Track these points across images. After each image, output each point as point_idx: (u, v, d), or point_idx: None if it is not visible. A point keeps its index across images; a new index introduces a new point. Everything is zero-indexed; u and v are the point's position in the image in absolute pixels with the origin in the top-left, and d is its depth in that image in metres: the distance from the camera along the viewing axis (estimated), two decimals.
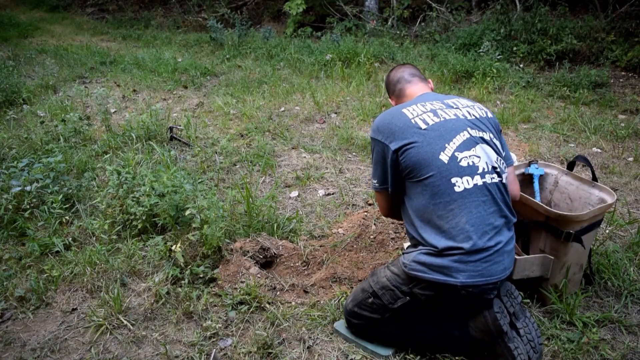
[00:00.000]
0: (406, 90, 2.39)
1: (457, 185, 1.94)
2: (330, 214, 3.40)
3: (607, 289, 2.59)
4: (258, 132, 4.86)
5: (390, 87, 2.48)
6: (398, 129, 2.05)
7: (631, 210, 3.35)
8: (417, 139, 2.01)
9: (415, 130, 2.03)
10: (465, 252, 1.88)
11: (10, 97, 5.74)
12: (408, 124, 2.05)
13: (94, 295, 2.62)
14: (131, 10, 13.91)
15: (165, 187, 2.92)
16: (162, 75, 7.13)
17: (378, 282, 2.12)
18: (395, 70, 2.49)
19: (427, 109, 2.11)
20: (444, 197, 1.94)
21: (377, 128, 2.13)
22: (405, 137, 2.02)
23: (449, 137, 2.01)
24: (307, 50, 8.16)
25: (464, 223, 1.91)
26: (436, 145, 1.99)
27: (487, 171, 1.99)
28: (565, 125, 4.92)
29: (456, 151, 1.98)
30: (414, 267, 1.97)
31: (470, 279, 1.88)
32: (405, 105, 2.17)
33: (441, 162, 1.96)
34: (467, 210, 1.92)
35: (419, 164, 1.98)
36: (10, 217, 3.18)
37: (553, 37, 7.10)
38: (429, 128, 2.03)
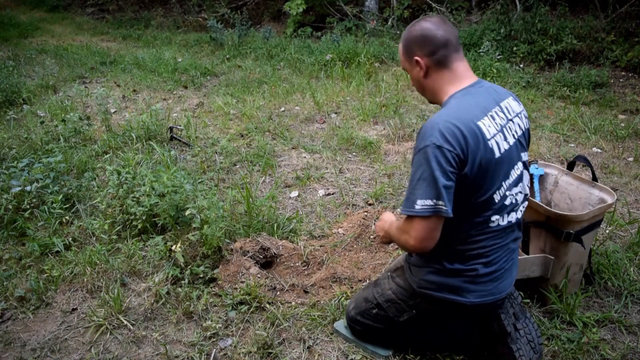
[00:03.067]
0: (453, 63, 1.82)
1: (494, 223, 1.81)
2: (330, 214, 3.40)
3: (607, 289, 2.59)
4: (258, 132, 4.86)
5: (428, 44, 1.79)
6: (477, 149, 1.68)
7: (631, 210, 3.35)
8: (489, 168, 1.72)
9: (490, 156, 1.71)
10: (477, 275, 1.83)
11: (11, 97, 5.74)
12: (486, 146, 1.69)
13: (94, 295, 2.62)
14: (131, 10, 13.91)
15: (165, 187, 2.92)
16: (162, 75, 7.13)
17: (383, 294, 2.07)
18: (435, 26, 1.80)
19: (497, 124, 1.76)
20: (476, 230, 1.80)
21: (448, 135, 1.64)
22: (483, 164, 1.70)
23: (507, 171, 1.78)
24: (307, 50, 8.16)
25: (484, 252, 1.83)
26: (497, 181, 1.75)
27: (521, 202, 1.90)
28: (565, 125, 4.92)
29: (507, 190, 1.79)
30: (423, 286, 1.91)
31: (480, 298, 1.84)
32: (472, 111, 1.73)
33: (493, 201, 1.76)
34: (493, 243, 1.84)
35: (474, 197, 1.74)
36: (10, 217, 3.18)
37: (553, 37, 7.09)
38: (500, 158, 1.73)
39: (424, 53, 1.80)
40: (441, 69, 1.81)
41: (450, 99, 1.80)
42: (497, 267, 1.84)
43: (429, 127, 1.68)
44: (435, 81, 1.84)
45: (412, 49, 1.83)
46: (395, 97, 5.75)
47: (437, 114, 1.72)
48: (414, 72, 1.87)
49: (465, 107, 1.74)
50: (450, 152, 1.63)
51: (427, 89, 1.88)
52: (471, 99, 1.78)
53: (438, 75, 1.83)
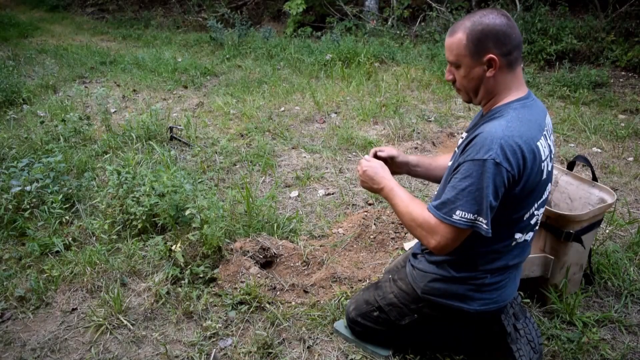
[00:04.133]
0: (518, 67, 1.72)
1: (516, 240, 1.79)
2: (330, 213, 3.40)
3: (607, 288, 2.59)
4: (258, 132, 4.85)
5: (507, 43, 1.64)
6: (532, 170, 1.63)
7: (631, 210, 3.35)
8: (535, 189, 1.69)
9: (538, 178, 1.68)
10: (483, 284, 1.83)
11: (10, 97, 5.74)
12: (539, 168, 1.66)
13: (94, 295, 2.62)
14: (131, 10, 13.91)
15: (165, 187, 2.92)
16: (162, 75, 7.13)
17: (384, 297, 2.06)
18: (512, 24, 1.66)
19: (548, 145, 1.72)
20: (499, 245, 1.78)
21: (510, 154, 1.56)
22: (532, 184, 1.66)
23: (541, 193, 1.75)
24: (307, 50, 8.16)
25: (497, 265, 1.82)
26: (532, 202, 1.73)
27: (538, 222, 1.87)
28: (565, 125, 4.91)
29: (536, 210, 1.77)
30: (427, 292, 1.91)
31: (484, 306, 1.84)
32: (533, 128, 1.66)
33: (522, 218, 1.74)
34: (509, 257, 1.82)
35: (511, 213, 1.71)
36: (10, 217, 3.18)
37: (553, 37, 7.09)
38: (544, 180, 1.72)
39: (500, 52, 1.64)
40: (509, 71, 1.69)
41: (507, 109, 1.69)
42: (502, 277, 1.85)
43: (490, 139, 1.58)
44: (499, 84, 1.71)
45: (487, 45, 1.64)
46: (395, 97, 5.75)
47: (499, 126, 1.61)
48: (476, 70, 1.69)
49: (527, 123, 1.65)
50: (508, 172, 1.57)
51: (486, 90, 1.73)
52: (529, 113, 1.69)
53: (503, 78, 1.70)
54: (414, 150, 4.39)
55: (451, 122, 5.12)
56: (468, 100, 1.80)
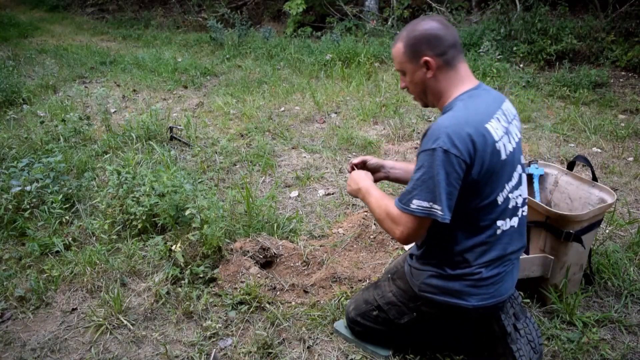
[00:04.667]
0: (459, 64, 1.80)
1: (499, 228, 1.82)
2: (330, 213, 3.40)
3: (607, 289, 2.59)
4: (258, 132, 4.85)
5: (439, 45, 1.75)
6: (485, 152, 1.68)
7: (631, 210, 3.35)
8: (496, 170, 1.72)
9: (497, 159, 1.71)
10: (480, 278, 1.83)
11: (10, 97, 5.74)
12: (494, 149, 1.70)
13: (94, 295, 2.62)
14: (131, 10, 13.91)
15: (165, 187, 2.92)
16: (162, 75, 7.13)
17: (384, 296, 2.07)
18: (442, 26, 1.78)
19: (502, 127, 1.76)
20: (483, 235, 1.80)
21: (457, 140, 1.63)
22: (490, 166, 1.70)
23: (510, 173, 1.79)
24: (307, 50, 8.16)
25: (489, 257, 1.83)
26: (500, 184, 1.76)
27: (521, 206, 1.90)
28: (565, 125, 4.91)
29: (510, 192, 1.80)
30: (425, 289, 1.91)
31: (482, 301, 1.84)
32: (481, 113, 1.73)
33: (496, 203, 1.77)
34: (499, 247, 1.84)
35: (479, 199, 1.75)
36: (10, 217, 3.18)
37: (553, 37, 7.09)
38: (505, 161, 1.75)
39: (435, 53, 1.75)
40: (449, 70, 1.78)
41: (455, 102, 1.77)
42: (498, 271, 1.84)
43: (437, 129, 1.66)
44: (441, 83, 1.80)
45: (420, 48, 1.76)
46: (395, 97, 5.75)
47: (446, 117, 1.70)
48: (418, 73, 1.80)
49: (473, 110, 1.72)
50: (457, 158, 1.63)
51: (431, 91, 1.83)
52: (477, 101, 1.76)
53: (445, 76, 1.79)
54: (414, 150, 4.38)
55: None
56: (424, 104, 1.91)
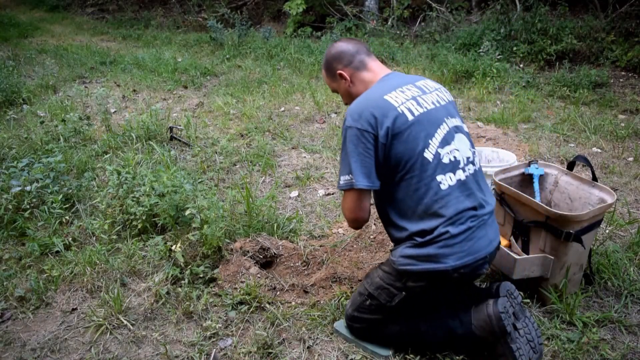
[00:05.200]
0: (369, 64, 2.11)
1: (442, 184, 1.91)
2: (330, 213, 3.40)
3: (607, 289, 2.59)
4: (258, 132, 4.86)
5: (344, 57, 2.10)
6: (385, 118, 1.89)
7: (631, 210, 3.35)
8: (405, 131, 1.89)
9: (403, 121, 1.90)
10: (449, 236, 1.89)
11: (10, 97, 5.74)
12: (395, 112, 1.90)
13: (94, 295, 2.62)
14: (131, 10, 13.92)
15: (165, 187, 2.92)
16: (162, 75, 7.13)
17: (372, 283, 2.11)
18: (345, 42, 2.15)
19: (408, 96, 1.97)
20: (429, 195, 1.90)
21: (357, 116, 1.90)
22: (396, 128, 1.89)
23: (432, 131, 1.94)
24: (307, 50, 8.16)
25: (448, 213, 1.90)
26: (421, 141, 1.91)
27: (466, 163, 2.00)
28: (565, 125, 4.92)
29: (439, 147, 1.93)
30: (402, 262, 1.97)
31: (459, 260, 1.90)
32: (382, 89, 1.98)
33: (426, 160, 1.90)
34: (451, 205, 1.91)
35: (404, 160, 1.90)
36: (10, 217, 3.18)
37: (553, 37, 7.09)
38: (415, 120, 1.92)
39: (344, 65, 2.11)
40: (361, 72, 2.10)
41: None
42: (467, 226, 1.91)
43: (345, 113, 1.96)
44: (359, 86, 2.10)
45: (333, 66, 2.13)
46: None
47: (352, 103, 2.00)
48: (341, 86, 2.15)
49: (374, 89, 2.01)
50: (360, 130, 1.88)
51: (356, 95, 2.08)
52: (381, 83, 2.04)
53: (360, 79, 2.11)
54: None
55: None
56: None
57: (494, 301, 2.01)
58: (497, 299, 2.01)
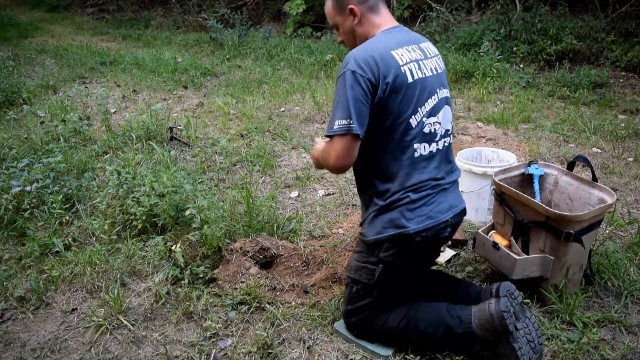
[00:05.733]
0: (382, 9, 2.05)
1: (417, 151, 1.96)
2: (330, 214, 3.40)
3: (607, 289, 2.59)
4: (258, 132, 4.86)
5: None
6: (388, 72, 1.87)
7: (631, 210, 3.35)
8: (400, 91, 1.90)
9: (403, 80, 1.90)
10: (409, 201, 1.96)
11: (10, 97, 5.74)
12: (398, 71, 1.90)
13: (94, 295, 2.61)
14: (131, 10, 13.92)
15: (165, 187, 2.92)
16: (162, 76, 7.14)
17: (351, 268, 2.16)
18: None
19: (412, 57, 1.97)
20: (403, 158, 1.96)
21: (362, 62, 1.86)
22: (395, 85, 1.88)
23: (423, 99, 1.96)
24: (307, 50, 8.16)
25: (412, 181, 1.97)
26: (411, 105, 1.93)
27: (442, 136, 2.04)
28: (565, 125, 4.92)
29: (424, 117, 1.96)
30: (370, 234, 2.03)
31: (420, 224, 1.95)
32: (389, 42, 1.95)
33: (410, 125, 1.94)
34: (419, 172, 1.98)
35: (391, 119, 1.92)
36: (10, 217, 3.18)
37: (553, 37, 7.10)
38: (413, 84, 1.93)
39: (357, 1, 2.00)
40: (372, 14, 2.02)
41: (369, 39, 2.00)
42: (427, 193, 1.98)
43: (347, 57, 1.90)
44: (366, 27, 2.03)
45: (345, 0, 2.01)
46: None
47: (356, 47, 1.94)
48: (347, 23, 2.04)
49: (382, 41, 1.96)
50: (362, 77, 1.84)
51: (359, 36, 2.04)
52: (389, 36, 1.99)
53: (369, 21, 2.03)
54: None
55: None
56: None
57: (496, 300, 2.01)
58: (498, 299, 2.01)
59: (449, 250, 2.89)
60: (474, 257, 2.85)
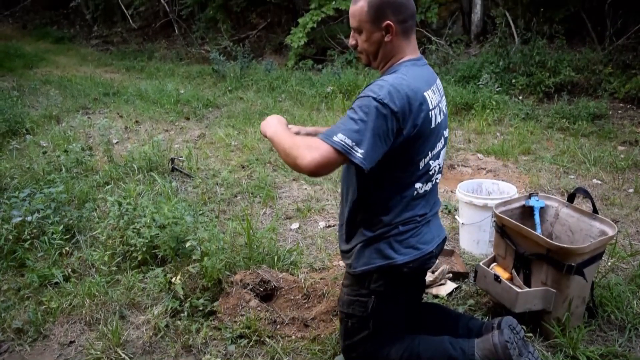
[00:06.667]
0: (412, 35, 1.93)
1: (416, 190, 1.96)
2: (331, 246, 3.39)
3: (610, 322, 2.56)
4: (259, 164, 4.88)
5: (402, 12, 1.85)
6: (418, 116, 1.78)
7: (633, 242, 3.34)
8: (422, 136, 1.83)
9: (428, 125, 1.83)
10: (397, 233, 1.95)
11: (14, 127, 5.79)
12: (427, 116, 1.81)
13: (92, 327, 2.59)
14: (135, 42, 14.13)
15: (166, 218, 2.93)
16: (165, 107, 7.20)
17: (343, 303, 2.13)
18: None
19: (436, 101, 1.90)
20: (403, 195, 1.95)
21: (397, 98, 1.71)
22: (421, 130, 1.80)
23: (434, 143, 1.93)
24: (308, 83, 8.26)
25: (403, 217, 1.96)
26: (425, 149, 1.88)
27: (436, 173, 2.05)
28: (565, 156, 4.94)
29: (431, 159, 1.96)
30: (356, 265, 2.01)
31: (407, 255, 1.95)
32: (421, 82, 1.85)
33: (418, 167, 1.91)
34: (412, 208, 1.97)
35: (407, 158, 1.87)
36: (10, 248, 3.17)
37: (551, 69, 7.18)
38: (434, 129, 1.88)
39: (397, 19, 1.84)
40: (404, 37, 1.89)
41: (400, 67, 1.88)
42: (414, 225, 1.98)
43: (380, 83, 1.74)
44: (394, 48, 1.90)
45: (385, 12, 1.83)
46: None
47: (390, 76, 1.80)
48: (376, 34, 1.88)
49: (414, 76, 1.83)
50: (393, 113, 1.69)
51: (384, 54, 1.92)
52: (419, 70, 1.89)
53: (399, 43, 1.89)
54: None
55: (451, 154, 5.14)
56: (367, 62, 2.00)
57: (499, 332, 2.01)
58: (501, 330, 2.01)
59: (451, 283, 2.87)
60: (476, 290, 2.83)
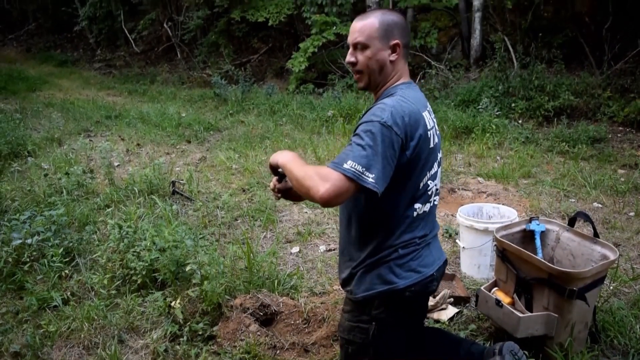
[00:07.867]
0: (406, 61, 2.03)
1: (416, 211, 1.96)
2: (331, 270, 3.38)
3: (613, 347, 2.54)
4: (260, 187, 4.88)
5: (405, 37, 1.96)
6: (419, 136, 1.83)
7: (634, 266, 3.33)
8: (422, 157, 1.87)
9: (427, 145, 1.88)
10: (397, 257, 1.94)
11: (16, 149, 5.82)
12: (426, 136, 1.87)
13: (90, 352, 2.57)
14: (138, 66, 14.27)
15: (167, 242, 2.92)
16: (166, 130, 7.24)
17: (343, 329, 2.10)
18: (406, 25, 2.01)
19: (432, 122, 1.96)
20: (404, 215, 1.94)
21: (399, 120, 1.76)
22: (420, 150, 1.85)
23: (432, 163, 1.95)
24: (309, 107, 8.31)
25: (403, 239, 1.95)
26: (424, 170, 1.91)
27: (434, 194, 2.05)
28: (565, 180, 4.94)
29: (429, 179, 1.97)
30: (357, 291, 2.00)
31: (408, 279, 1.93)
32: (418, 103, 1.90)
33: (418, 188, 1.93)
34: (411, 230, 1.96)
35: (409, 179, 1.88)
36: (9, 270, 3.16)
37: (550, 93, 7.24)
38: (432, 149, 1.92)
39: (403, 42, 1.93)
40: (403, 60, 1.98)
41: (397, 89, 1.93)
42: (413, 248, 1.96)
43: (382, 107, 1.79)
44: (394, 69, 1.97)
45: (394, 32, 1.92)
46: None
47: (389, 99, 1.85)
48: (382, 53, 1.93)
49: (412, 98, 1.89)
50: (397, 136, 1.74)
51: (385, 73, 1.97)
52: (413, 92, 1.95)
53: (399, 64, 1.97)
54: None
55: (452, 178, 5.15)
56: (365, 83, 2.02)
57: (501, 357, 2.00)
58: (503, 355, 2.00)
59: (452, 308, 2.85)
60: (477, 314, 2.81)
